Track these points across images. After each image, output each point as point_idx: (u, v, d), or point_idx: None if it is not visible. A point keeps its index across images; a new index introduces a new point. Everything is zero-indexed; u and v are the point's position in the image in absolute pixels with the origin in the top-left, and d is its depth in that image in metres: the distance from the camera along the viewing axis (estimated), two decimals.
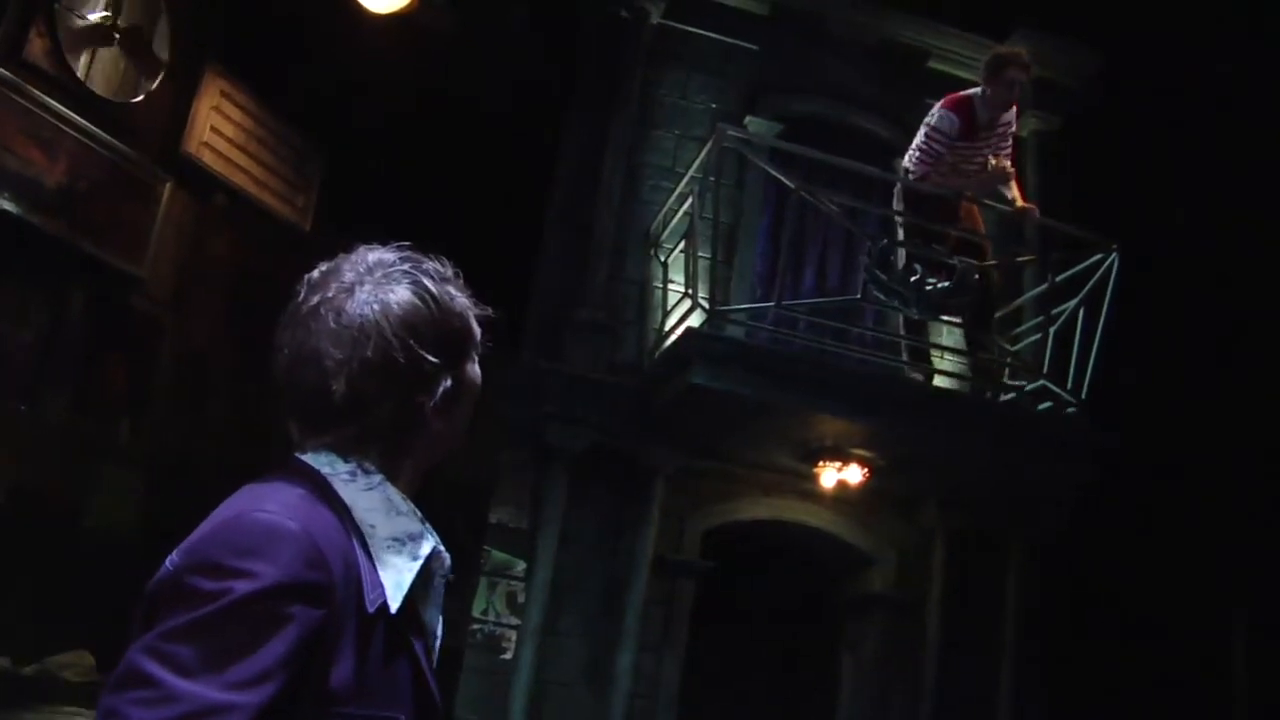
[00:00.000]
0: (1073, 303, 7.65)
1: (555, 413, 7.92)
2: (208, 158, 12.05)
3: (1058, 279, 7.59)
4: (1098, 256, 7.55)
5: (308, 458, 1.38)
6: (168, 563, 1.21)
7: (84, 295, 11.14)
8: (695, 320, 7.48)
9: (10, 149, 10.03)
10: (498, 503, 8.16)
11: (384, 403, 1.35)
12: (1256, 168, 10.32)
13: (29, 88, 10.06)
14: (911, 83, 9.74)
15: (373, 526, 1.32)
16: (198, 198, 12.13)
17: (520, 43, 11.11)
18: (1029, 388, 7.93)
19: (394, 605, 1.28)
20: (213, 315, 12.74)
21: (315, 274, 1.46)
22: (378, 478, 1.36)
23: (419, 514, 1.39)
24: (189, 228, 12.07)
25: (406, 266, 1.43)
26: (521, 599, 7.97)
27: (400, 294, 1.39)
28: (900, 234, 7.42)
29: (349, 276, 1.41)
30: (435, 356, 1.38)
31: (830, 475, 7.79)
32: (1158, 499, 9.97)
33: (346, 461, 1.36)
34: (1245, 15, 10.06)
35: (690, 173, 8.10)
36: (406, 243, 1.51)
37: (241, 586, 1.12)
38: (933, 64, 9.90)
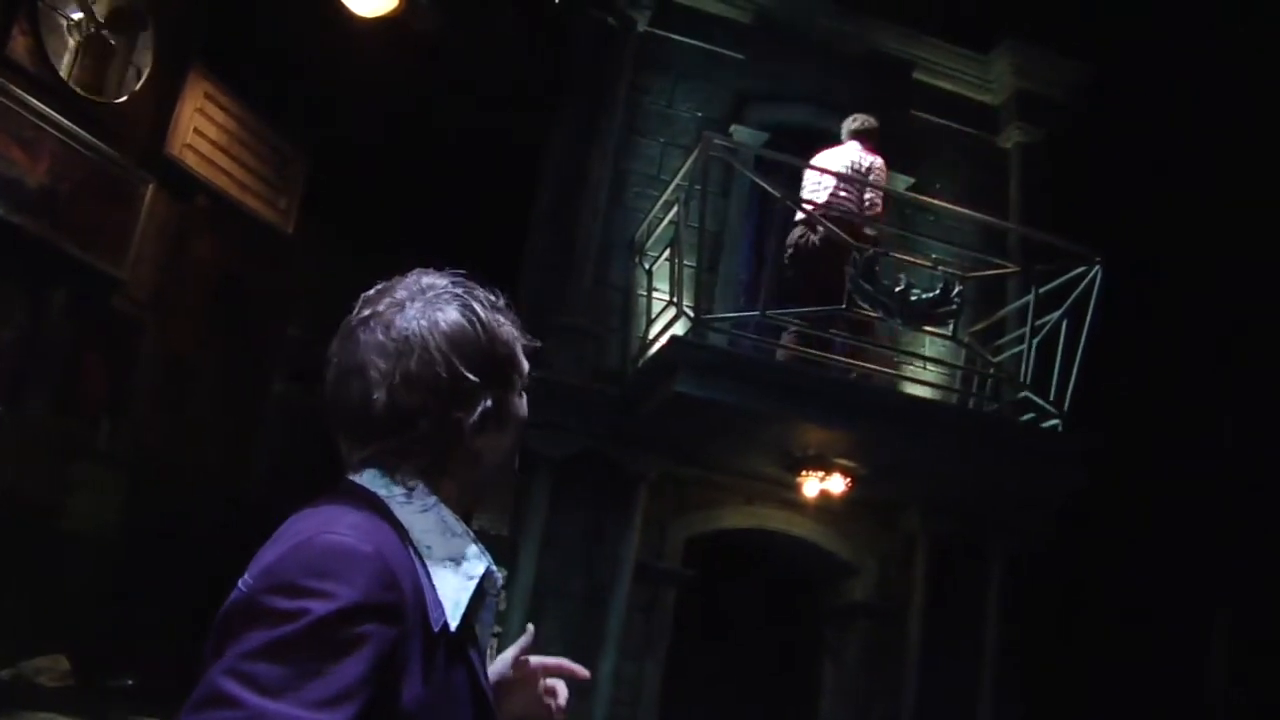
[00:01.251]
0: (1056, 315, 7.69)
1: (538, 419, 7.89)
2: (190, 159, 11.99)
3: (1041, 291, 7.62)
4: (1081, 269, 7.59)
5: (359, 479, 1.41)
6: (241, 585, 1.23)
7: (65, 296, 11.07)
8: (680, 328, 7.48)
9: None
10: (479, 509, 8.14)
11: (424, 416, 1.38)
12: (1241, 179, 10.39)
13: (11, 87, 10.00)
14: (896, 93, 9.79)
15: (429, 547, 1.35)
16: (180, 199, 12.07)
17: (506, 49, 11.10)
18: (1011, 399, 7.96)
19: (453, 624, 1.31)
20: (194, 317, 12.68)
21: (371, 291, 1.49)
22: (432, 499, 1.40)
23: (472, 535, 1.43)
24: (171, 229, 12.00)
25: (459, 290, 1.47)
26: (503, 606, 7.95)
27: (449, 314, 1.43)
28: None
29: (401, 294, 1.45)
30: (476, 376, 1.41)
31: (813, 484, 7.80)
32: (1139, 507, 10.02)
33: (395, 481, 1.39)
34: (1230, 27, 10.13)
35: (676, 180, 8.11)
36: (462, 270, 1.55)
37: (319, 607, 1.15)
38: (918, 75, 9.95)
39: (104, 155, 10.89)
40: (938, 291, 7.28)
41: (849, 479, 7.79)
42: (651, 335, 8.14)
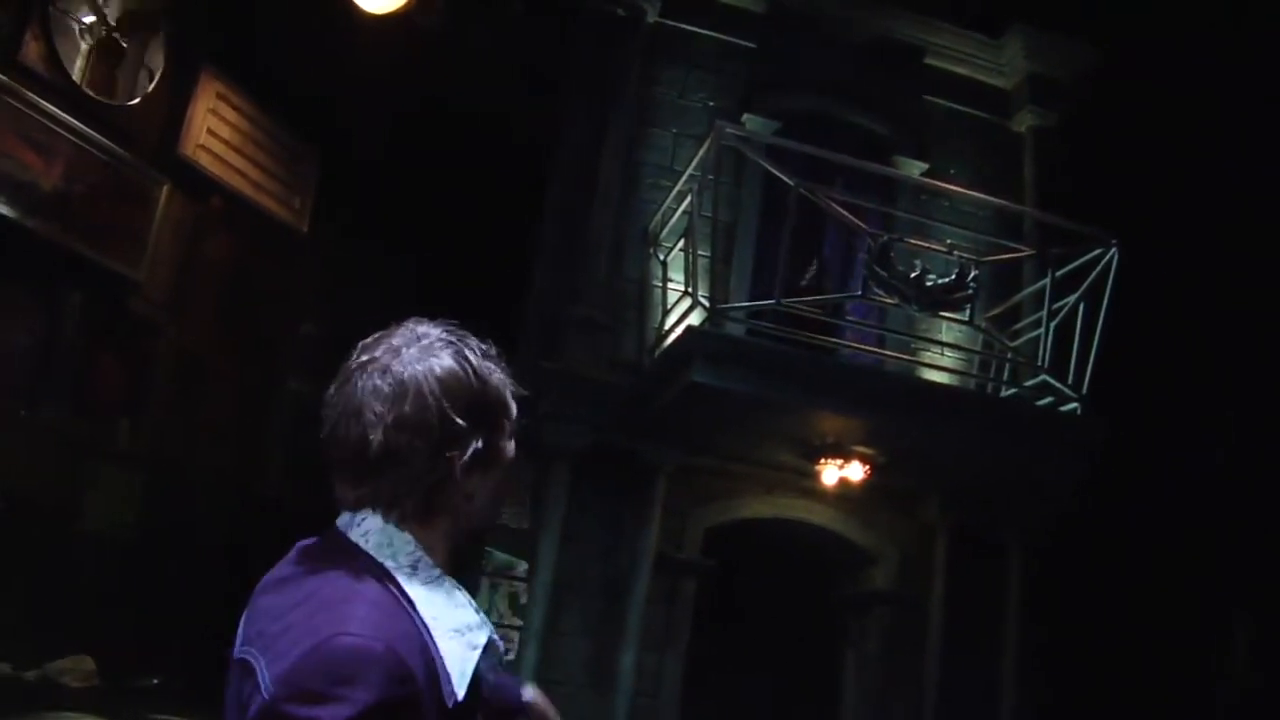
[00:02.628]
0: (1073, 298, 7.65)
1: (555, 412, 7.91)
2: (204, 160, 12.02)
3: (1057, 274, 7.58)
4: (1097, 251, 7.55)
5: (363, 540, 1.47)
6: (264, 690, 1.28)
7: (81, 298, 11.11)
8: (695, 318, 7.47)
9: (6, 153, 10.01)
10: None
11: (416, 456, 1.44)
12: (1255, 161, 10.32)
13: (24, 91, 10.03)
14: (908, 79, 9.75)
15: (435, 618, 1.40)
16: (194, 200, 12.10)
17: (517, 42, 11.09)
18: (1029, 383, 7.93)
19: (460, 693, 1.37)
20: (210, 317, 12.71)
21: (368, 340, 1.55)
22: (436, 571, 1.47)
23: (474, 604, 1.50)
24: (186, 230, 12.03)
25: (452, 339, 1.53)
26: (523, 599, 7.96)
27: (443, 360, 1.49)
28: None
29: (397, 342, 1.51)
30: (467, 419, 1.47)
31: (832, 472, 7.78)
32: (1160, 496, 9.96)
33: (398, 531, 1.46)
34: (1242, 10, 10.05)
35: (689, 171, 8.09)
36: (454, 321, 1.61)
37: (338, 713, 1.21)
38: (929, 60, 9.90)
39: (118, 157, 10.92)
40: (953, 277, 7.25)
41: (868, 466, 7.77)
42: (667, 326, 8.13)
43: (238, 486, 13.16)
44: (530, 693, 1.73)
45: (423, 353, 1.49)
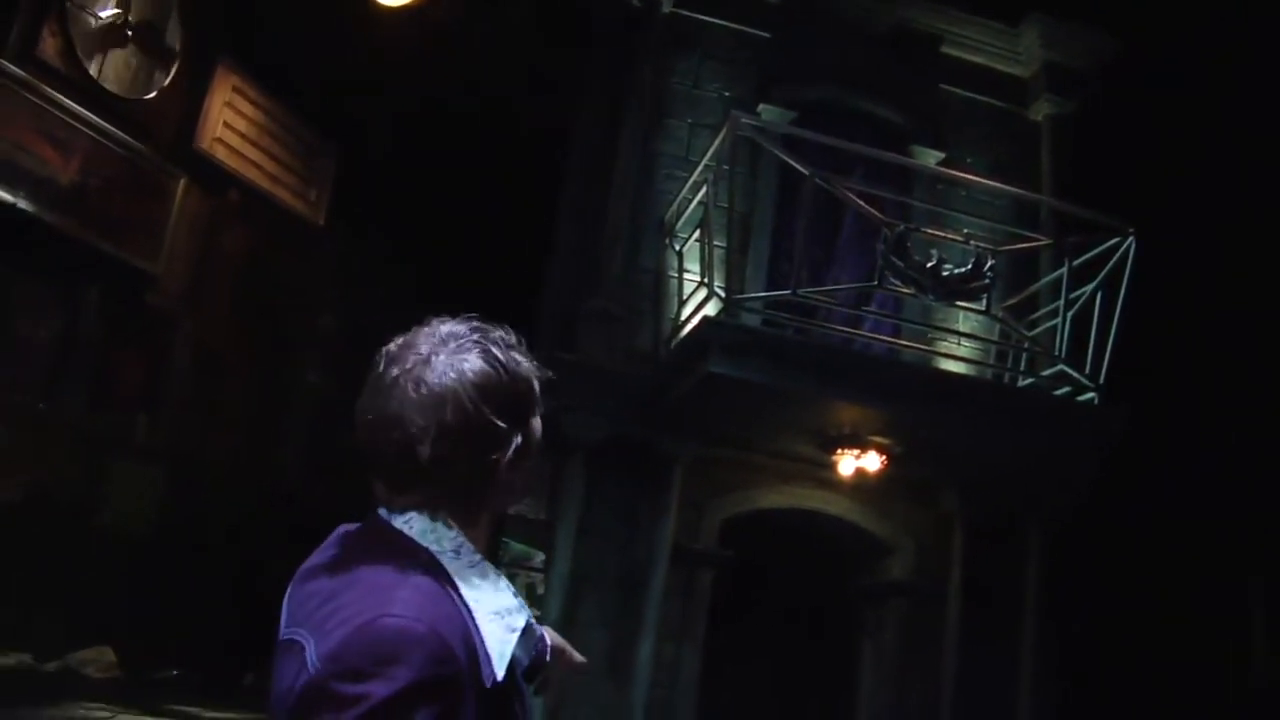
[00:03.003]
0: (1090, 287, 7.62)
1: (571, 404, 7.90)
2: (220, 154, 12.06)
3: (1074, 263, 7.55)
4: (1114, 240, 7.52)
5: (408, 528, 1.50)
6: (310, 667, 1.33)
7: (99, 292, 11.16)
8: (711, 309, 7.46)
9: (25, 147, 10.06)
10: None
11: (463, 462, 1.48)
12: (1273, 150, 10.25)
13: (42, 86, 10.08)
14: (925, 68, 9.71)
15: (476, 601, 1.45)
16: (211, 194, 12.14)
17: (531, 34, 11.09)
18: (1046, 373, 7.90)
19: (499, 674, 1.41)
20: (227, 310, 12.76)
21: (392, 347, 1.57)
22: (477, 557, 1.51)
23: (513, 589, 1.53)
24: (202, 224, 12.08)
25: (476, 337, 1.55)
26: (541, 590, 7.97)
27: (473, 362, 1.51)
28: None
29: (424, 348, 1.53)
30: (506, 419, 1.51)
31: (849, 463, 7.77)
32: (1178, 485, 9.92)
33: (440, 523, 1.50)
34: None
35: (704, 161, 8.08)
36: (474, 314, 1.63)
37: (381, 690, 1.26)
38: (945, 49, 9.86)
39: (135, 151, 10.96)
40: (970, 266, 7.23)
41: (884, 457, 7.75)
42: (683, 317, 8.12)
43: (255, 480, 13.22)
44: (550, 637, 1.74)
45: (453, 357, 1.51)
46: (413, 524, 1.50)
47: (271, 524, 13.05)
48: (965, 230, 7.99)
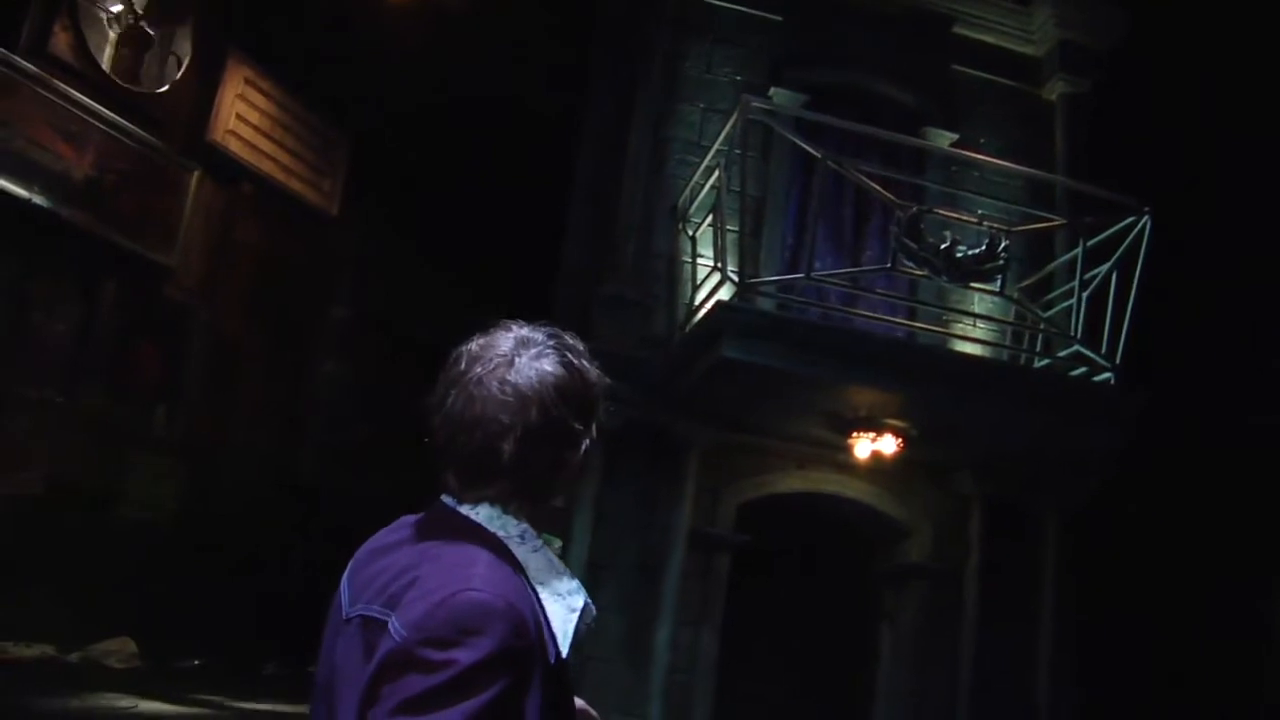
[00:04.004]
0: (1105, 267, 7.59)
1: None
2: (234, 145, 12.10)
3: (1089, 243, 7.51)
4: (1129, 220, 7.48)
5: (475, 515, 1.61)
6: (394, 635, 1.41)
7: (115, 286, 11.22)
8: (725, 293, 7.46)
9: (39, 143, 10.10)
10: None
11: (541, 459, 1.60)
12: None
13: (55, 82, 10.12)
14: (936, 48, 9.66)
15: (541, 584, 1.57)
16: (225, 185, 12.19)
17: (542, 20, 11.07)
18: (1062, 353, 7.88)
19: (564, 652, 1.53)
20: (243, 301, 12.81)
21: (473, 347, 1.66)
22: (539, 541, 1.62)
23: (570, 572, 1.65)
24: (217, 216, 12.12)
25: (553, 343, 1.66)
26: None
27: (554, 367, 1.61)
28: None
29: (504, 349, 1.63)
30: (581, 420, 1.64)
31: (864, 446, 7.76)
32: (1195, 465, 9.89)
33: (509, 516, 1.61)
34: None
35: (716, 146, 8.06)
36: (545, 321, 1.73)
37: (465, 657, 1.36)
38: (957, 29, 9.80)
39: (148, 145, 11.00)
40: (984, 247, 7.21)
41: (900, 440, 7.74)
42: (697, 302, 8.12)
43: (273, 469, 13.28)
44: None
45: (534, 360, 1.61)
46: (480, 512, 1.60)
47: (290, 513, 13.12)
48: (980, 211, 7.97)
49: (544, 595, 1.55)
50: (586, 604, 1.63)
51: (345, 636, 1.54)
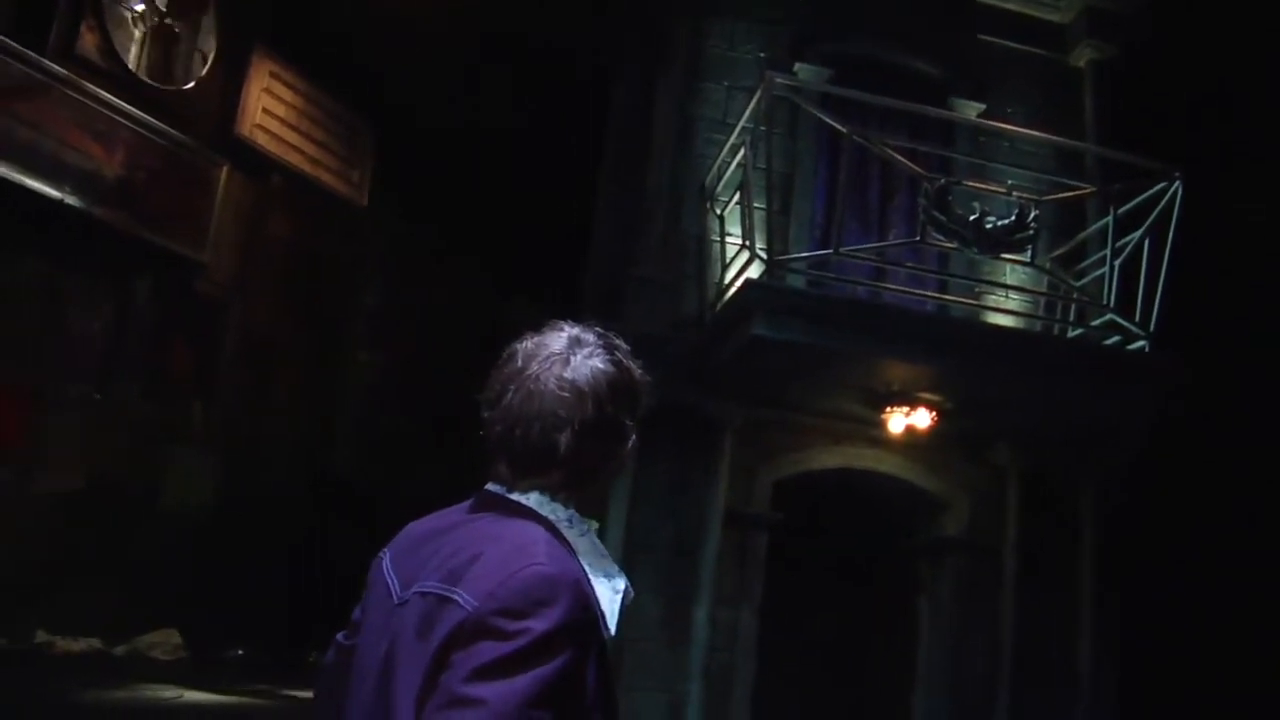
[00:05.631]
0: (1137, 234, 7.52)
1: None
2: (261, 139, 12.16)
3: (1120, 210, 7.45)
4: (1160, 185, 7.41)
5: (525, 499, 1.69)
6: (465, 605, 1.49)
7: (148, 283, 11.33)
8: (754, 272, 7.44)
9: (69, 144, 10.20)
10: None
11: (593, 451, 1.69)
12: None
13: (83, 83, 10.20)
14: (962, 18, 9.58)
15: (589, 565, 1.64)
16: (254, 180, 12.26)
17: (566, 4, 11.05)
18: (1096, 322, 7.82)
19: (612, 630, 1.62)
20: (275, 294, 12.89)
21: (528, 344, 1.74)
22: (585, 526, 1.71)
23: (610, 555, 1.74)
24: (247, 210, 12.20)
25: (603, 343, 1.75)
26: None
27: (605, 365, 1.71)
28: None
29: (559, 347, 1.72)
30: (629, 416, 1.75)
31: (898, 420, 7.74)
32: (1232, 431, 9.80)
33: (554, 500, 1.69)
34: None
35: (741, 123, 8.04)
36: (593, 321, 1.83)
37: (537, 626, 1.44)
38: None
39: (176, 141, 11.08)
40: (1013, 218, 7.15)
41: (935, 413, 7.71)
42: (727, 281, 8.10)
43: (310, 459, 13.38)
44: None
45: (587, 359, 1.70)
46: (531, 498, 1.68)
47: (328, 502, 13.22)
48: (1009, 182, 7.91)
49: (592, 577, 1.62)
50: (627, 587, 1.71)
51: (398, 618, 1.59)
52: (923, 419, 7.72)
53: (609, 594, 1.66)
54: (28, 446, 10.50)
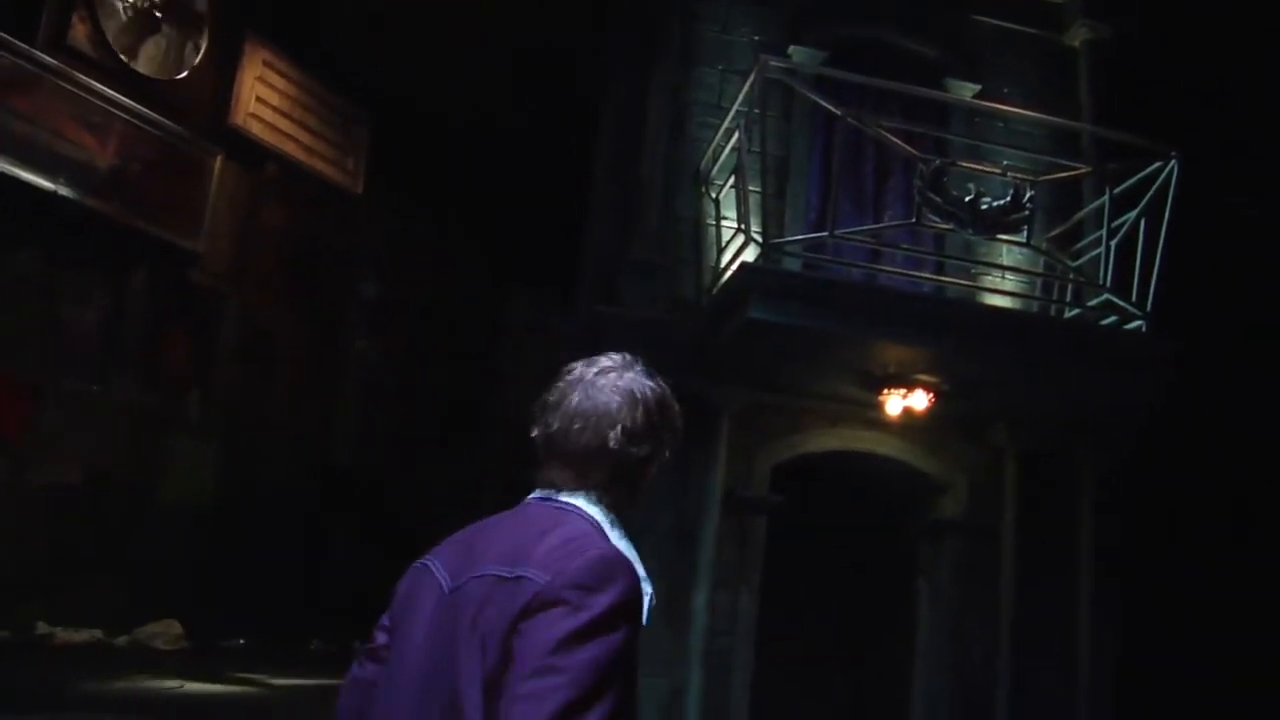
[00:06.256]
0: (1133, 214, 7.51)
1: None
2: (255, 128, 12.13)
3: (1116, 190, 7.44)
4: (1156, 165, 7.40)
5: (573, 500, 1.86)
6: (537, 580, 1.64)
7: (143, 274, 11.31)
8: (750, 255, 7.43)
9: (62, 135, 10.18)
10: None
11: (634, 458, 1.88)
12: None
13: (75, 74, 10.17)
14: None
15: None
16: (248, 169, 12.24)
17: None
18: (1093, 303, 7.82)
19: (645, 621, 1.73)
20: (272, 283, 12.88)
21: (581, 363, 1.95)
22: (621, 530, 1.86)
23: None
24: (242, 199, 12.18)
25: (642, 365, 1.97)
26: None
27: (649, 382, 1.94)
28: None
29: (609, 364, 1.94)
30: (668, 433, 1.94)
31: (895, 403, 7.74)
32: (1233, 414, 9.80)
33: (598, 504, 1.86)
34: None
35: (735, 107, 8.01)
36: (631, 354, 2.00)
37: (605, 600, 1.61)
38: None
39: (170, 132, 11.06)
40: (1009, 198, 7.14)
41: (932, 395, 7.71)
42: (723, 264, 8.09)
43: (309, 448, 13.38)
44: None
45: (637, 376, 1.92)
46: (577, 499, 1.85)
47: (327, 491, 13.23)
48: (1004, 162, 7.89)
49: None
50: (651, 592, 1.82)
51: (450, 606, 1.73)
52: (920, 401, 7.72)
53: (645, 589, 1.76)
54: (27, 440, 10.50)
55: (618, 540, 1.81)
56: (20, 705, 8.02)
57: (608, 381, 1.89)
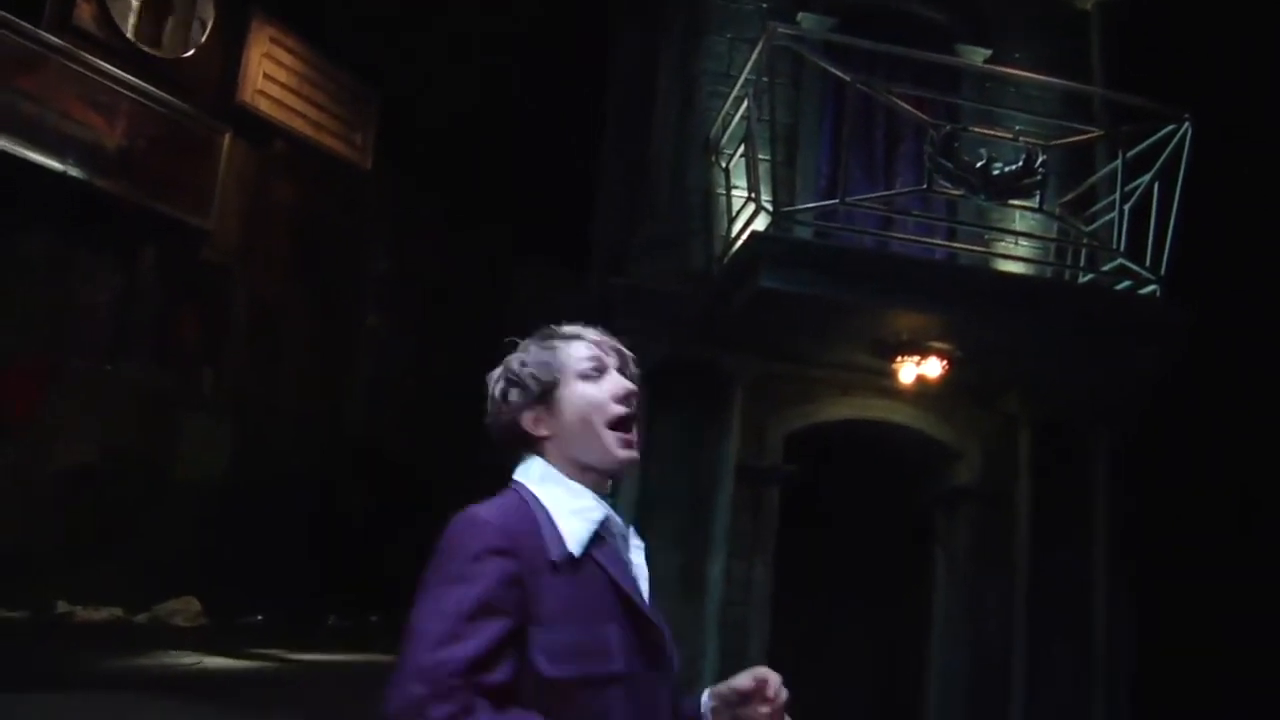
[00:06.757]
0: (1146, 177, 7.46)
1: (627, 328, 7.86)
2: (263, 105, 12.11)
3: (1129, 154, 7.38)
4: (1169, 128, 7.34)
5: (516, 476, 1.98)
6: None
7: (154, 253, 11.32)
8: (760, 224, 7.40)
9: (70, 115, 10.17)
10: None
11: (510, 415, 2.00)
12: None
13: (81, 53, 10.16)
14: None
15: (554, 506, 1.89)
16: (257, 146, 12.22)
17: None
18: (1106, 268, 7.78)
19: (576, 552, 1.83)
20: (282, 260, 12.88)
21: None
22: (561, 478, 1.95)
23: (596, 497, 1.96)
24: (251, 176, 12.17)
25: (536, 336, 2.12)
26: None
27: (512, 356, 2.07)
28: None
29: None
30: (522, 374, 2.01)
31: (909, 370, 7.71)
32: (1247, 380, 9.76)
33: (526, 469, 1.97)
34: None
35: (744, 75, 7.97)
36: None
37: (441, 555, 1.75)
38: None
39: (177, 110, 11.04)
40: (1021, 163, 7.10)
41: (945, 362, 7.68)
42: (734, 234, 8.06)
43: (322, 424, 13.41)
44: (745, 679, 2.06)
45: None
46: (524, 463, 1.99)
47: (340, 466, 13.27)
48: (1016, 127, 7.84)
49: (558, 515, 1.86)
50: (608, 515, 1.94)
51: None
52: (933, 368, 7.69)
53: (580, 523, 1.87)
54: (42, 421, 10.54)
55: (539, 488, 1.92)
56: (43, 683, 8.09)
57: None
